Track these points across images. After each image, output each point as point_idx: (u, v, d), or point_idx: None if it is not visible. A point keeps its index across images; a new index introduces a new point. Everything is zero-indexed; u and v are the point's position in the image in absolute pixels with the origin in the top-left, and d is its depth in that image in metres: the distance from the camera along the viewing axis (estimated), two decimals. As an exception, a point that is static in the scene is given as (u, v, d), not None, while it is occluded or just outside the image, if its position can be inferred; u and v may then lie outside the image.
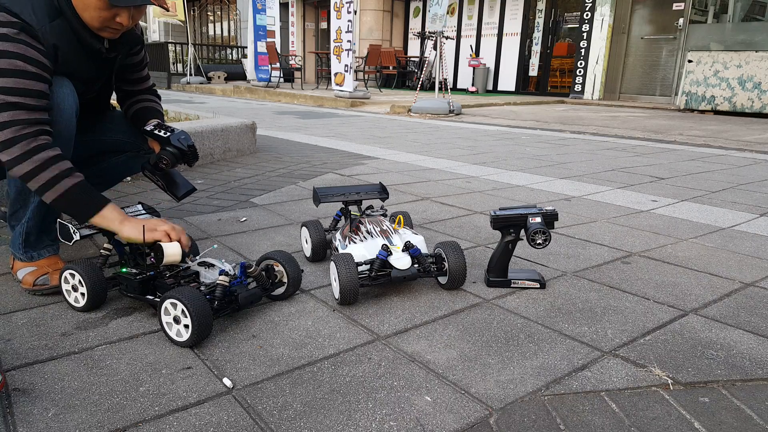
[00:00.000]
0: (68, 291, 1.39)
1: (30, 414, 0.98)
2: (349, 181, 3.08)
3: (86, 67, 1.49)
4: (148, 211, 1.59)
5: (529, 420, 0.99)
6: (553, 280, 1.67)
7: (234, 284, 1.34)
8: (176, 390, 1.06)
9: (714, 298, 1.56)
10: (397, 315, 1.40)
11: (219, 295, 1.29)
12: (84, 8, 1.35)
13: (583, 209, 2.56)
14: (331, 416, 0.99)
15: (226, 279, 1.31)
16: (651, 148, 4.76)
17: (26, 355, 1.17)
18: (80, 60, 1.45)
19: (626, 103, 10.28)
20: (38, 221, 1.51)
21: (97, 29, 1.40)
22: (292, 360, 1.18)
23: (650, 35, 10.53)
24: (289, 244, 1.96)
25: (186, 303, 1.17)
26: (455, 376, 1.12)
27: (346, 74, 9.24)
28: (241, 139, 3.84)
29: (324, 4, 15.81)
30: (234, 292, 1.32)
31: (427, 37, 13.13)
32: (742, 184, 3.25)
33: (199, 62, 14.57)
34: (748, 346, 1.28)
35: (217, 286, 1.30)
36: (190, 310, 1.16)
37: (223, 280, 1.31)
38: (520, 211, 1.52)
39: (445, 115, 7.57)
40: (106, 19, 1.36)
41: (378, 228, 1.63)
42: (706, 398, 1.06)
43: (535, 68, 12.55)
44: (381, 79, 13.50)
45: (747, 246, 2.05)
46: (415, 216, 2.37)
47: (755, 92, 7.97)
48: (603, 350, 1.24)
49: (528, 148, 4.61)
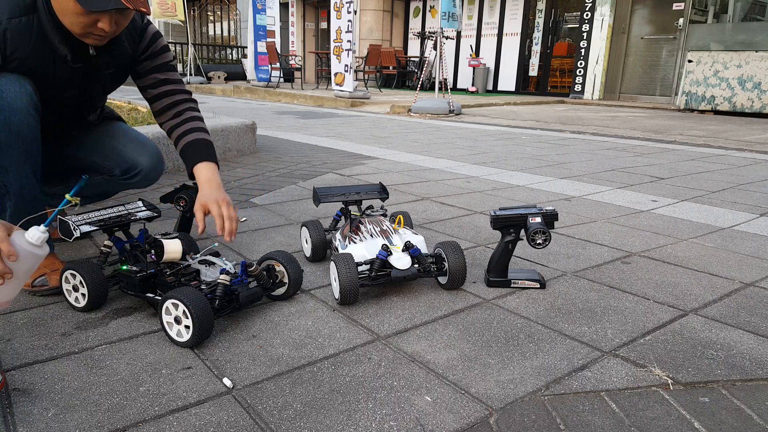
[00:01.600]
0: (69, 291, 1.39)
1: (30, 414, 0.98)
2: (349, 181, 3.08)
3: (51, 70, 1.40)
4: (149, 209, 1.59)
5: (529, 420, 0.99)
6: (553, 280, 1.67)
7: (235, 283, 1.34)
8: (176, 390, 1.06)
9: (714, 298, 1.56)
10: (397, 315, 1.40)
11: (220, 294, 1.29)
12: (63, 13, 1.30)
13: (583, 209, 2.56)
14: (331, 416, 0.99)
15: (227, 278, 1.31)
16: (651, 148, 4.76)
17: (26, 355, 1.17)
18: (44, 62, 1.37)
19: (626, 103, 10.28)
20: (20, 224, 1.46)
21: (79, 35, 1.33)
22: (292, 360, 1.18)
23: (650, 35, 10.53)
24: (289, 244, 1.96)
25: (187, 304, 1.17)
26: (455, 376, 1.12)
27: (346, 74, 9.24)
28: (241, 139, 3.84)
29: (324, 4, 15.81)
30: (235, 291, 1.32)
31: (427, 37, 13.16)
32: (742, 184, 3.25)
33: (199, 62, 14.58)
34: (748, 346, 1.28)
35: (218, 285, 1.30)
36: (191, 312, 1.16)
37: (224, 279, 1.31)
38: (520, 211, 1.52)
39: (445, 115, 7.57)
40: (87, 25, 1.30)
41: (378, 228, 1.63)
42: (706, 398, 1.06)
43: (535, 68, 12.55)
44: (381, 79, 13.50)
45: (747, 246, 2.05)
46: (415, 216, 2.37)
47: (755, 92, 7.97)
48: (603, 350, 1.24)
49: (528, 148, 4.61)
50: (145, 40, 1.58)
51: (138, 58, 1.59)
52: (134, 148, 1.68)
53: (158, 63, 1.62)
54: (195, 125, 1.63)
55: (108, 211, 1.50)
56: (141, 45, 1.58)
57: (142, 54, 1.59)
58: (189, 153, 1.60)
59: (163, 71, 1.63)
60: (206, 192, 1.50)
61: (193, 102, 1.69)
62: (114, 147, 1.67)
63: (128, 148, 1.67)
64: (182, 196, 1.71)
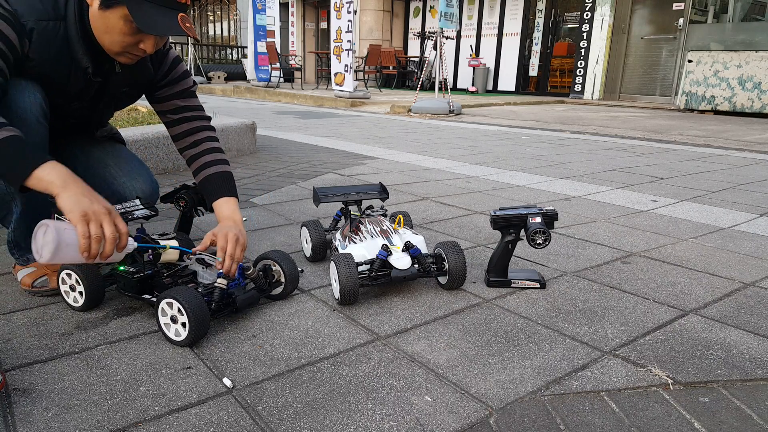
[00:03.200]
0: (67, 293, 1.39)
1: (30, 414, 0.98)
2: (349, 181, 3.08)
3: (65, 80, 1.38)
4: (146, 207, 1.58)
5: (529, 420, 0.99)
6: (553, 280, 1.67)
7: (232, 286, 1.34)
8: (176, 390, 1.06)
9: (714, 298, 1.56)
10: (397, 315, 1.40)
11: (217, 297, 1.29)
12: (106, 30, 1.28)
13: (583, 209, 2.56)
14: (331, 416, 0.99)
15: (224, 281, 1.31)
16: (651, 148, 4.76)
17: (26, 355, 1.17)
18: (60, 70, 1.36)
19: (626, 103, 10.28)
20: (24, 230, 1.46)
21: (115, 53, 1.32)
22: (292, 360, 1.18)
23: (650, 35, 10.53)
24: (289, 244, 1.96)
25: (181, 301, 1.17)
26: (455, 376, 1.12)
27: (346, 74, 9.24)
28: (241, 139, 3.84)
29: (324, 4, 15.81)
30: (232, 295, 1.32)
31: (427, 37, 13.16)
32: (742, 184, 3.25)
33: (199, 62, 14.57)
34: (748, 346, 1.28)
35: (215, 288, 1.30)
36: (185, 307, 1.17)
37: (221, 282, 1.31)
38: (520, 211, 1.52)
39: (445, 115, 7.57)
40: (129, 45, 1.29)
41: (378, 228, 1.63)
42: (706, 398, 1.06)
43: (535, 68, 12.55)
44: (381, 79, 13.49)
45: (747, 246, 2.05)
46: (415, 216, 2.37)
47: (755, 92, 7.97)
48: (603, 350, 1.24)
49: (528, 148, 4.61)
50: (166, 64, 1.57)
51: (157, 84, 1.57)
52: (124, 183, 1.63)
53: (179, 89, 1.61)
54: (215, 157, 1.61)
55: None
56: (161, 70, 1.56)
57: (161, 79, 1.57)
58: (210, 186, 1.57)
59: (183, 97, 1.62)
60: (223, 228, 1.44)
61: (211, 130, 1.67)
62: (104, 178, 1.63)
63: (118, 182, 1.63)
64: (182, 196, 1.71)
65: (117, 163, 1.67)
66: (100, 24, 1.28)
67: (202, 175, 1.59)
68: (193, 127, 1.63)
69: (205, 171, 1.58)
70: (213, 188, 1.57)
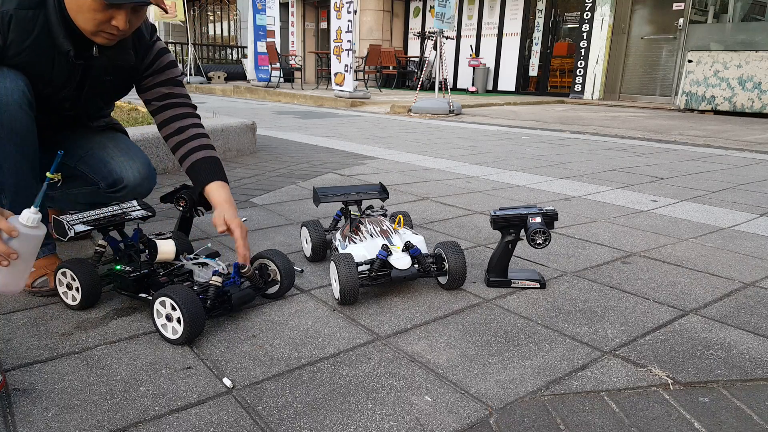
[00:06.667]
0: (65, 292, 1.39)
1: (30, 414, 0.98)
2: (349, 181, 3.08)
3: (49, 66, 1.38)
4: (144, 208, 1.58)
5: (529, 420, 0.99)
6: (553, 280, 1.67)
7: (227, 284, 1.34)
8: (176, 390, 1.06)
9: (714, 298, 1.56)
10: (397, 315, 1.40)
11: (212, 295, 1.29)
12: (78, 10, 1.29)
13: (583, 209, 2.56)
14: (331, 416, 0.99)
15: (219, 279, 1.31)
16: (651, 148, 4.76)
17: (26, 355, 1.17)
18: (43, 57, 1.36)
19: (626, 103, 10.28)
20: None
21: (91, 33, 1.33)
22: (292, 360, 1.18)
23: (650, 35, 10.53)
24: (289, 244, 1.96)
25: (174, 298, 1.18)
26: (455, 376, 1.12)
27: (346, 74, 9.24)
28: (241, 139, 3.84)
29: (324, 4, 15.81)
30: (227, 293, 1.33)
31: (427, 37, 13.16)
32: (742, 184, 3.25)
33: (199, 62, 14.58)
34: (748, 346, 1.28)
35: (210, 286, 1.31)
36: (177, 302, 1.17)
37: (216, 280, 1.31)
38: (520, 211, 1.52)
39: (445, 115, 7.57)
40: (101, 22, 1.30)
41: (378, 228, 1.63)
42: (706, 398, 1.06)
43: (535, 68, 12.55)
44: (381, 79, 13.49)
45: (747, 246, 2.05)
46: (415, 216, 2.37)
47: (755, 92, 7.97)
48: (603, 350, 1.24)
49: (528, 148, 4.61)
50: (151, 55, 1.57)
51: (142, 73, 1.58)
52: (122, 162, 1.64)
53: (164, 78, 1.60)
54: (201, 142, 1.60)
55: (102, 211, 1.50)
56: (146, 60, 1.56)
57: (146, 69, 1.57)
58: (199, 171, 1.57)
59: (168, 85, 1.61)
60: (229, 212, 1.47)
61: (197, 117, 1.66)
62: (102, 158, 1.63)
63: (116, 161, 1.64)
64: (182, 196, 1.70)
65: (116, 145, 1.68)
66: (72, 5, 1.30)
67: (189, 160, 1.58)
68: (179, 113, 1.62)
69: (193, 155, 1.57)
70: (204, 173, 1.56)
